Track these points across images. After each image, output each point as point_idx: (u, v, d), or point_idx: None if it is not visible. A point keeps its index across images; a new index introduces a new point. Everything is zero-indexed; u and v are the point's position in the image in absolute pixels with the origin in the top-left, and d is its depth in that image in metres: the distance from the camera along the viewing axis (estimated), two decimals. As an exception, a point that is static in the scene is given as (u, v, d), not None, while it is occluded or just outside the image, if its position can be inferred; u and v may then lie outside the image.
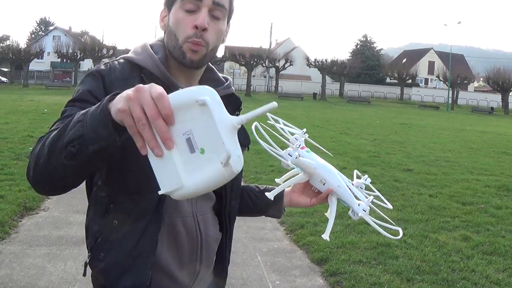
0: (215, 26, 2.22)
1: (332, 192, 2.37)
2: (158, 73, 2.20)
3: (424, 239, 8.80)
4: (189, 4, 2.17)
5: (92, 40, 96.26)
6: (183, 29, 2.18)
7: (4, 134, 19.28)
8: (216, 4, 2.19)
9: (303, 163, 2.32)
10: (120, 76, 2.15)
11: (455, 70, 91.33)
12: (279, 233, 9.03)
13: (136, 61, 2.24)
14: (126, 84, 1.98)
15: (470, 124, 46.22)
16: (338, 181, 2.38)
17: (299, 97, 78.89)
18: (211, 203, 2.44)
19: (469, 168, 17.48)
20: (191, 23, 2.16)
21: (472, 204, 11.75)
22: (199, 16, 2.15)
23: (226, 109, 2.27)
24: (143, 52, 2.27)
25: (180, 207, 2.26)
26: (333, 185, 2.36)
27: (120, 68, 2.20)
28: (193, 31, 2.16)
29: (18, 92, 59.72)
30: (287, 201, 2.63)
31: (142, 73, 2.20)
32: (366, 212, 2.29)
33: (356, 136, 25.66)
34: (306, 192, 2.55)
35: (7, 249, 7.63)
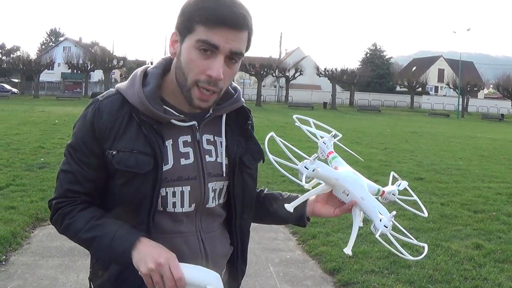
0: (230, 71, 2.17)
1: (355, 204, 2.33)
2: (144, 110, 2.19)
3: (436, 248, 8.79)
4: (205, 47, 2.08)
5: (102, 51, 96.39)
6: (194, 72, 2.12)
7: (15, 145, 19.46)
8: (233, 53, 2.12)
9: (322, 175, 2.27)
10: (107, 119, 2.21)
11: (465, 77, 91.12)
12: (291, 243, 9.04)
13: (126, 97, 2.25)
14: (115, 123, 2.20)
15: (480, 131, 46.05)
16: (362, 192, 2.32)
17: (310, 107, 78.73)
18: (219, 220, 2.45)
19: (480, 175, 17.44)
20: (204, 69, 2.10)
21: (484, 212, 11.73)
22: (215, 65, 2.08)
23: (236, 121, 2.42)
24: (132, 86, 2.26)
25: (180, 227, 2.30)
26: (356, 197, 2.31)
27: (109, 108, 2.23)
28: (206, 78, 2.11)
29: (29, 103, 59.90)
30: (309, 211, 2.58)
31: (131, 107, 2.22)
32: (388, 228, 2.24)
33: (367, 145, 25.64)
34: (331, 201, 2.49)
35: (19, 260, 7.67)
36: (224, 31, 2.07)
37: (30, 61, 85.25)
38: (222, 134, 2.38)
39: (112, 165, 2.18)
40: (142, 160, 2.16)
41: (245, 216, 2.51)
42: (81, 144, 2.23)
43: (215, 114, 2.36)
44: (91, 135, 2.21)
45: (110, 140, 2.19)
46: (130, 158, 2.16)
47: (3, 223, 8.96)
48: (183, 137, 2.29)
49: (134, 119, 2.20)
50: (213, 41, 2.07)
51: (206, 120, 2.34)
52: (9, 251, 7.95)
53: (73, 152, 2.26)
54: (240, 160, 2.41)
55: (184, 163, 2.27)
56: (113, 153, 2.18)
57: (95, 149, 2.21)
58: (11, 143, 19.89)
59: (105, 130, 2.19)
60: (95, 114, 2.22)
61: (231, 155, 2.38)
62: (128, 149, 2.17)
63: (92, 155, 2.22)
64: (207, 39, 2.07)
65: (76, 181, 2.25)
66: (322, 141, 2.45)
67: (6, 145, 19.10)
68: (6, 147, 18.71)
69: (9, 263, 7.53)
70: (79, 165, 2.24)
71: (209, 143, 2.36)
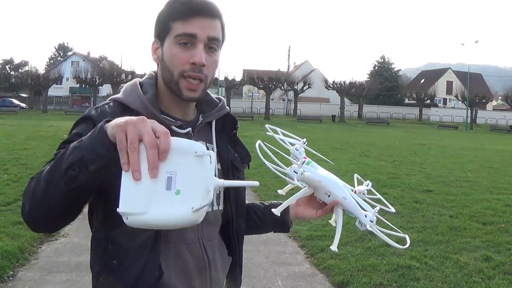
0: (211, 59, 2.24)
1: (337, 204, 2.41)
2: (148, 114, 2.12)
3: (445, 260, 8.77)
4: (184, 39, 2.19)
5: (110, 65, 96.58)
6: (178, 64, 2.20)
7: (23, 160, 19.52)
8: (211, 39, 2.21)
9: (309, 179, 2.36)
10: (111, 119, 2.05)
11: (473, 89, 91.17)
12: (300, 257, 9.02)
13: (126, 102, 2.27)
14: None
15: (489, 143, 46.02)
16: (343, 192, 2.41)
17: (318, 120, 78.83)
18: (217, 228, 2.46)
19: (489, 187, 17.40)
20: (186, 59, 2.18)
21: (493, 224, 11.70)
22: (196, 53, 2.18)
23: (223, 128, 2.45)
24: (132, 93, 2.29)
25: (184, 235, 2.27)
26: (338, 196, 2.40)
27: (111, 111, 2.22)
28: (190, 67, 2.18)
29: (37, 118, 60.22)
30: (293, 214, 2.66)
31: (132, 114, 2.11)
32: (373, 222, 2.34)
33: (375, 158, 25.60)
34: (311, 204, 2.59)
35: (27, 275, 7.70)
36: (199, 20, 2.18)
37: (38, 76, 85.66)
38: (213, 140, 2.44)
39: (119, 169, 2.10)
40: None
41: (239, 221, 2.55)
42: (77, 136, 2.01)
43: (206, 121, 2.42)
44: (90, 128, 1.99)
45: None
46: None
47: (10, 238, 8.98)
48: None
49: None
50: (190, 31, 2.17)
51: (198, 127, 2.38)
52: (17, 267, 7.97)
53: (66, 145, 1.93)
54: (232, 165, 2.48)
55: None
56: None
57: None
58: (19, 158, 19.97)
59: None
60: (98, 115, 2.18)
61: (223, 161, 2.44)
62: None
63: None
64: (184, 31, 2.17)
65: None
66: (295, 148, 2.51)
67: (15, 160, 19.17)
68: (14, 162, 18.77)
69: (17, 278, 7.54)
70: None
71: None
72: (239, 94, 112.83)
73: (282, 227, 2.73)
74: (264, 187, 14.59)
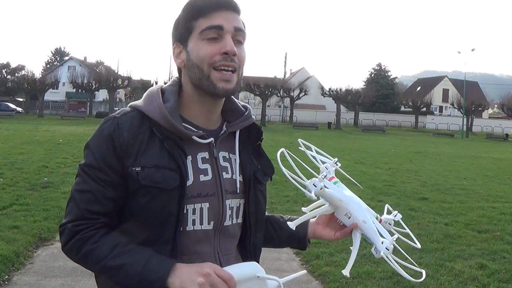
0: (240, 51, 2.22)
1: (357, 227, 2.37)
2: (167, 125, 2.18)
3: (440, 268, 8.78)
4: (211, 33, 2.15)
5: (107, 71, 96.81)
6: (207, 57, 2.17)
7: (19, 164, 19.49)
8: (237, 30, 2.19)
9: (328, 195, 2.31)
10: (128, 135, 2.17)
11: (469, 97, 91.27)
12: (295, 264, 9.01)
13: (145, 112, 2.23)
14: (136, 140, 2.16)
15: (485, 151, 46.03)
16: (364, 216, 2.36)
17: (314, 127, 78.87)
18: (235, 241, 2.43)
19: (485, 195, 17.41)
20: (216, 51, 2.15)
21: (488, 232, 11.70)
22: (226, 43, 2.15)
23: (248, 138, 2.45)
24: (152, 102, 2.24)
25: (199, 247, 2.26)
26: (358, 219, 2.36)
27: (129, 124, 2.20)
28: (220, 57, 2.15)
29: (33, 122, 60.13)
30: (311, 232, 2.63)
31: (152, 123, 2.21)
32: (389, 251, 2.28)
33: (371, 165, 25.59)
34: (331, 224, 2.55)
35: (22, 279, 7.69)
36: (223, 13, 2.18)
37: (34, 80, 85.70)
38: (236, 151, 2.39)
39: (136, 182, 2.13)
40: (168, 176, 2.14)
41: (258, 235, 2.51)
42: (101, 161, 2.16)
43: (229, 130, 2.38)
44: (111, 152, 2.15)
45: (132, 156, 2.15)
46: (157, 173, 2.13)
47: (6, 242, 8.96)
48: (202, 153, 2.28)
49: (155, 135, 2.18)
50: (216, 23, 2.16)
51: (221, 137, 2.35)
52: (12, 271, 7.96)
53: (91, 170, 2.17)
54: (254, 177, 2.42)
55: (203, 180, 2.25)
56: (137, 169, 2.13)
57: (115, 166, 2.15)
58: (15, 162, 19.96)
59: (126, 146, 2.15)
60: (115, 130, 2.17)
61: (246, 172, 2.40)
62: (153, 164, 2.14)
63: (112, 172, 2.15)
64: (210, 24, 2.16)
65: (95, 200, 2.15)
66: (325, 166, 2.46)
67: (10, 164, 19.15)
68: (10, 166, 18.75)
69: (12, 282, 7.54)
70: (98, 183, 2.15)
71: (225, 160, 2.36)
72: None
73: (298, 243, 2.70)
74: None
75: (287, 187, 16.14)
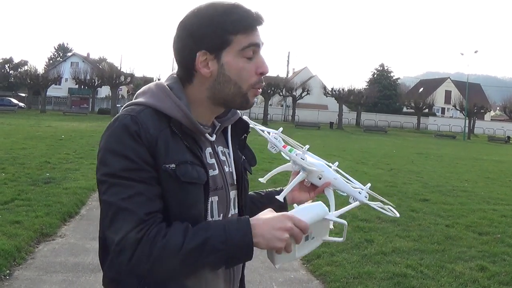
0: None
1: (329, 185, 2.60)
2: (188, 123, 2.17)
3: (440, 270, 8.77)
4: (251, 51, 2.19)
5: (110, 67, 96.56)
6: (248, 78, 2.20)
7: (21, 159, 19.48)
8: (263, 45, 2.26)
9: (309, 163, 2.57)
10: (154, 132, 2.10)
11: (471, 99, 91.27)
12: (296, 263, 8.97)
13: (163, 110, 2.16)
14: (160, 136, 2.12)
15: (486, 153, 46.00)
16: (333, 174, 2.62)
17: (316, 126, 78.80)
18: None
19: (486, 197, 17.40)
20: (254, 70, 2.21)
21: (489, 234, 11.69)
22: (262, 63, 2.23)
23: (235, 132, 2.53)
24: (167, 99, 2.19)
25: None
26: (329, 178, 2.60)
27: (151, 123, 2.12)
28: (258, 78, 2.22)
29: (35, 118, 60.07)
30: (289, 199, 2.75)
31: (171, 122, 2.16)
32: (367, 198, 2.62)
33: (373, 166, 25.55)
34: (303, 188, 2.73)
35: (23, 274, 7.69)
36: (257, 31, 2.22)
37: (37, 76, 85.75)
38: (229, 145, 2.47)
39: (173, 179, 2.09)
40: (200, 171, 2.17)
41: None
42: (138, 160, 2.06)
43: (224, 126, 2.44)
44: (143, 148, 2.07)
45: (162, 153, 2.09)
46: (192, 169, 2.14)
47: (7, 237, 8.96)
48: (208, 149, 2.32)
49: (175, 133, 2.16)
50: (255, 41, 2.20)
51: (218, 132, 2.41)
52: (13, 266, 7.96)
53: (130, 173, 2.05)
54: (243, 168, 2.53)
55: (213, 174, 2.28)
56: (171, 166, 2.09)
57: (150, 161, 2.07)
58: (17, 157, 19.95)
59: (154, 143, 2.08)
60: (141, 127, 2.08)
61: (237, 164, 2.49)
62: (186, 160, 2.14)
63: (151, 168, 2.07)
64: (250, 42, 2.19)
65: (147, 201, 2.06)
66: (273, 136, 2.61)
67: (12, 160, 19.16)
68: (12, 161, 18.75)
69: (13, 277, 7.54)
70: (144, 183, 2.07)
71: (223, 154, 2.43)
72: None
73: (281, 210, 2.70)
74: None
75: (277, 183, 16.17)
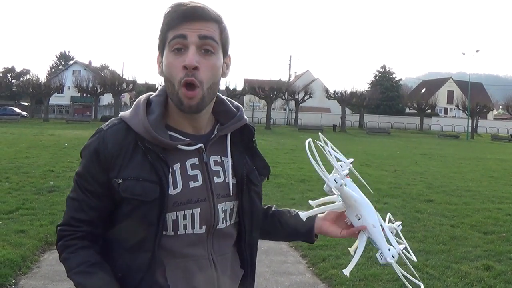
0: (207, 62, 2.19)
1: (365, 230, 2.38)
2: (149, 138, 2.21)
3: (446, 270, 8.77)
4: (176, 44, 2.17)
5: (112, 75, 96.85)
6: (175, 72, 2.18)
7: (25, 168, 19.48)
8: (203, 38, 2.17)
9: (346, 193, 2.33)
10: (113, 147, 2.23)
11: (474, 98, 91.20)
12: (301, 267, 9.01)
13: (130, 124, 2.26)
14: (121, 152, 2.23)
15: (490, 152, 45.87)
16: (374, 220, 2.38)
17: (319, 129, 78.03)
18: (231, 241, 2.45)
19: (490, 197, 17.38)
20: (180, 64, 2.15)
21: (494, 233, 11.69)
22: (187, 56, 2.15)
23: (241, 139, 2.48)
24: (137, 114, 2.28)
25: (192, 250, 2.29)
26: (368, 222, 2.38)
27: (114, 138, 2.25)
28: (184, 72, 2.15)
29: (38, 127, 60.01)
30: (317, 227, 2.63)
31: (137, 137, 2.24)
32: (395, 259, 2.31)
33: (376, 168, 25.54)
34: (338, 222, 2.57)
35: (29, 283, 7.71)
36: (189, 24, 2.18)
37: (39, 85, 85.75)
38: (228, 153, 2.41)
39: (118, 193, 2.20)
40: (148, 188, 2.18)
41: (254, 234, 2.52)
42: (87, 173, 2.27)
43: (220, 134, 2.39)
44: (96, 165, 2.24)
45: (116, 168, 2.21)
46: (136, 186, 2.18)
47: (12, 246, 8.98)
48: (191, 160, 2.30)
49: (139, 147, 2.22)
50: (179, 32, 2.17)
51: (212, 141, 2.36)
52: (19, 275, 7.98)
53: (79, 180, 2.29)
54: (247, 179, 2.43)
55: (193, 186, 2.28)
56: (119, 181, 2.20)
57: (100, 178, 2.24)
58: (20, 166, 19.96)
59: (110, 159, 2.21)
60: (100, 144, 2.24)
61: (239, 174, 2.41)
62: (134, 177, 2.19)
63: (96, 184, 2.25)
64: (175, 34, 2.17)
65: (80, 209, 2.28)
66: (340, 164, 2.46)
67: (16, 169, 19.15)
68: (16, 170, 18.76)
69: (19, 287, 7.56)
70: (84, 193, 2.27)
71: (217, 164, 2.38)
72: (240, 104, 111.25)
73: (305, 237, 2.70)
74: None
75: (293, 190, 16.18)
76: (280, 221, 2.72)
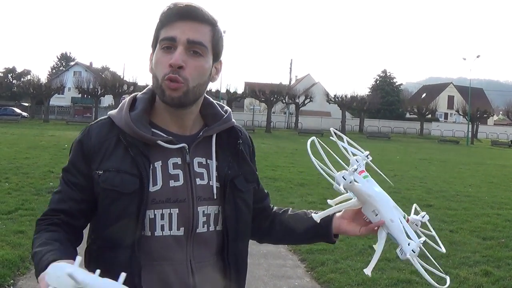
0: (194, 63, 2.22)
1: (383, 225, 2.31)
2: (130, 132, 2.25)
3: (445, 275, 8.75)
4: (165, 43, 2.21)
5: (112, 76, 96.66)
6: (160, 68, 2.21)
7: (24, 169, 19.52)
8: (191, 42, 2.20)
9: (357, 189, 2.29)
10: (95, 141, 2.30)
11: (474, 104, 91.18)
12: (300, 271, 9.00)
13: (113, 119, 2.33)
14: (103, 145, 2.28)
15: (490, 158, 45.90)
16: (392, 214, 2.31)
17: (319, 133, 78.16)
18: (212, 249, 2.36)
19: (490, 202, 17.40)
20: (167, 62, 2.19)
21: (493, 239, 11.69)
22: (174, 55, 2.18)
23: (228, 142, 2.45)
24: (120, 111, 2.35)
25: (170, 253, 2.26)
26: (385, 217, 2.31)
27: (98, 131, 2.33)
28: (169, 69, 2.18)
29: (38, 127, 60.06)
30: (336, 227, 2.54)
31: (119, 132, 2.29)
32: (415, 253, 2.22)
33: (376, 172, 25.45)
34: (357, 220, 2.49)
35: (27, 284, 7.70)
36: (180, 24, 2.22)
37: (40, 85, 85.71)
38: (212, 156, 2.38)
39: (98, 185, 2.23)
40: (127, 180, 2.20)
41: (239, 244, 2.44)
42: (71, 165, 2.32)
43: (205, 135, 2.38)
44: (80, 156, 2.30)
45: (98, 160, 2.25)
46: (116, 177, 2.21)
47: (11, 247, 8.98)
48: (173, 159, 2.30)
49: (121, 142, 2.26)
50: (169, 34, 2.21)
51: (196, 141, 2.35)
52: (17, 275, 7.98)
53: (64, 173, 2.34)
54: (232, 183, 2.38)
55: (173, 185, 2.27)
56: (99, 172, 2.23)
57: (82, 169, 2.28)
58: (20, 167, 20.00)
59: (93, 151, 2.27)
60: (85, 136, 2.33)
61: (222, 178, 2.37)
62: (114, 168, 2.23)
63: (79, 175, 2.28)
64: (165, 35, 2.22)
65: (61, 200, 2.30)
66: (355, 159, 2.42)
67: (16, 169, 19.20)
68: (15, 171, 18.80)
69: (17, 287, 7.57)
70: (68, 185, 2.30)
71: (201, 166, 2.35)
72: (241, 107, 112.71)
73: (324, 238, 2.61)
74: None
75: (292, 194, 16.19)
76: (297, 224, 2.64)
